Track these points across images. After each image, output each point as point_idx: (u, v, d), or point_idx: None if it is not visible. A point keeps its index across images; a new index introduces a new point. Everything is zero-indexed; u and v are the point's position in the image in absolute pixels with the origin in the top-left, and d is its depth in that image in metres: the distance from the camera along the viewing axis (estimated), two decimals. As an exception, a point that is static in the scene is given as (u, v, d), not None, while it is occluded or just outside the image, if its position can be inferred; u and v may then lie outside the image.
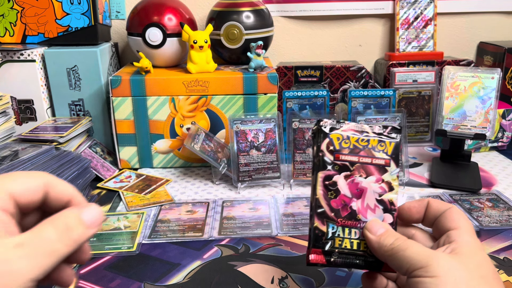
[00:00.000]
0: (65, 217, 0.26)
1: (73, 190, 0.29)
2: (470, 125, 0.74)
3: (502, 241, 0.56)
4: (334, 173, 0.41)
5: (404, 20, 0.96)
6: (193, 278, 0.49)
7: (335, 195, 0.40)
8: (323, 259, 0.39)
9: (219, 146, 0.76)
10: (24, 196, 0.27)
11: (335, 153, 0.41)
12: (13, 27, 0.82)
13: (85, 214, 0.27)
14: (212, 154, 0.73)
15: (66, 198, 0.29)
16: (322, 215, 0.40)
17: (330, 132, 0.42)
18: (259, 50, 0.79)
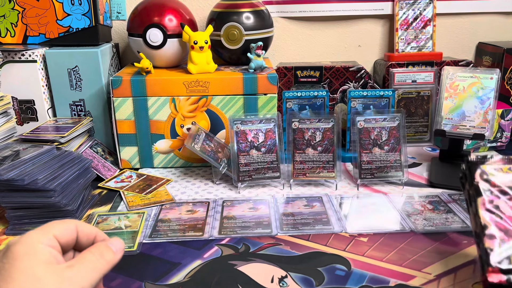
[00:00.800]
0: (98, 247, 0.37)
1: (97, 229, 0.39)
2: (469, 125, 0.75)
3: (501, 241, 0.56)
4: (494, 198, 0.44)
5: (403, 20, 0.96)
6: (194, 277, 0.50)
7: (500, 217, 0.43)
8: (503, 278, 0.40)
9: (219, 146, 0.77)
10: (64, 236, 0.36)
11: (491, 181, 0.45)
12: (14, 28, 0.83)
13: (112, 244, 0.37)
14: (212, 154, 0.73)
15: (92, 235, 0.38)
16: (491, 236, 0.42)
17: (481, 164, 0.47)
18: (259, 51, 0.80)
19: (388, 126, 0.72)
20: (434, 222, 0.61)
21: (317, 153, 0.72)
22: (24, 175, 0.58)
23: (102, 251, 0.36)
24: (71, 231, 0.37)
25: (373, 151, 0.72)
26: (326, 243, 0.56)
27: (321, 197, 0.69)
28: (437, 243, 0.56)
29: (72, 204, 0.61)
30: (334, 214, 0.64)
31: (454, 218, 0.62)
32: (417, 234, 0.58)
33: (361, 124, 0.72)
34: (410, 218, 0.62)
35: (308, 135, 0.72)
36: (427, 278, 0.49)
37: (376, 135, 0.72)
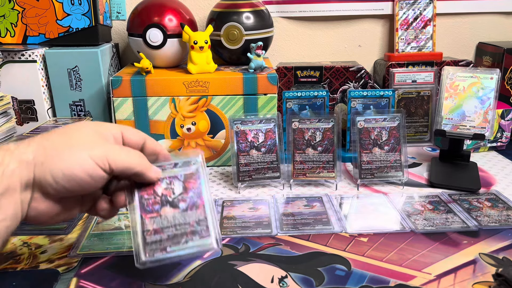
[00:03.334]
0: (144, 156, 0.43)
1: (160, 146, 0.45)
2: (469, 125, 0.75)
3: (501, 241, 0.56)
4: None
5: (404, 20, 0.96)
6: (194, 277, 0.50)
7: None
8: None
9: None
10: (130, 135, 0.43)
11: None
12: (14, 28, 0.83)
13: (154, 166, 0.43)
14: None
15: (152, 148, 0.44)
16: None
17: None
18: (259, 51, 0.80)
19: (388, 126, 0.72)
20: (434, 222, 0.61)
21: (317, 153, 0.72)
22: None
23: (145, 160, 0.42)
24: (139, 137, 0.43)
25: (373, 151, 0.72)
26: (326, 243, 0.56)
27: (321, 197, 0.69)
28: (437, 243, 0.56)
29: (72, 204, 0.61)
30: (334, 214, 0.63)
31: (454, 218, 0.62)
32: (417, 234, 0.58)
33: (361, 124, 0.72)
34: (410, 218, 0.62)
35: (308, 135, 0.72)
36: (427, 278, 0.49)
37: (376, 135, 0.72)
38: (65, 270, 0.51)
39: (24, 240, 0.58)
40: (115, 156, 0.39)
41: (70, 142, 0.38)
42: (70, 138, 0.38)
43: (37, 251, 0.56)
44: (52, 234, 0.59)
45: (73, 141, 0.38)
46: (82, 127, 0.40)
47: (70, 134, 0.39)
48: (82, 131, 0.39)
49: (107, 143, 0.40)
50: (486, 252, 0.54)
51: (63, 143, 0.38)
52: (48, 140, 0.38)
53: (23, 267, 0.52)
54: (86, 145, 0.38)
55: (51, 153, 0.37)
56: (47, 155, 0.37)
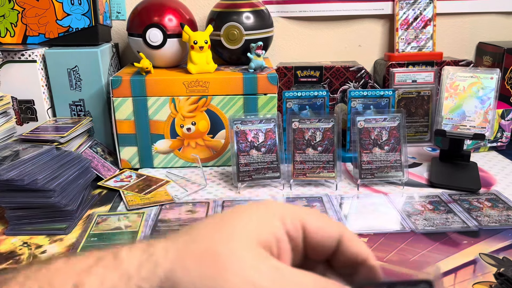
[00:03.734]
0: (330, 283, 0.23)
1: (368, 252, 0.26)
2: (469, 125, 0.75)
3: (501, 241, 0.56)
4: None
5: (404, 20, 0.96)
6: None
7: None
8: None
9: None
10: (317, 236, 0.25)
11: None
12: (14, 28, 0.83)
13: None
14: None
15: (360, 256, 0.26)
16: None
17: None
18: (259, 51, 0.79)
19: (388, 126, 0.72)
20: (435, 222, 0.61)
21: (317, 153, 0.72)
22: (24, 175, 0.58)
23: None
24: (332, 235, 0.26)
25: (373, 151, 0.72)
26: (326, 243, 0.56)
27: (321, 197, 0.69)
28: (437, 243, 0.56)
29: (72, 204, 0.61)
30: (334, 214, 0.63)
31: (455, 218, 0.62)
32: (417, 234, 0.58)
33: (361, 124, 0.72)
34: (410, 218, 0.62)
35: (308, 135, 0.72)
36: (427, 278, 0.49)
37: (376, 135, 0.72)
38: (65, 270, 0.51)
39: (24, 240, 0.58)
40: None
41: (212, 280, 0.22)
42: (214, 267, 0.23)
43: (37, 251, 0.55)
44: (52, 234, 0.59)
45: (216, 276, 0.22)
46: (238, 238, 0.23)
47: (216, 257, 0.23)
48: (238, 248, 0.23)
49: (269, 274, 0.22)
50: (486, 252, 0.54)
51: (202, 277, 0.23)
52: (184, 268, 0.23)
53: (23, 267, 0.52)
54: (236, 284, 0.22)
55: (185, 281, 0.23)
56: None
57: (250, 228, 0.24)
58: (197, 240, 0.24)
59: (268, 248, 0.23)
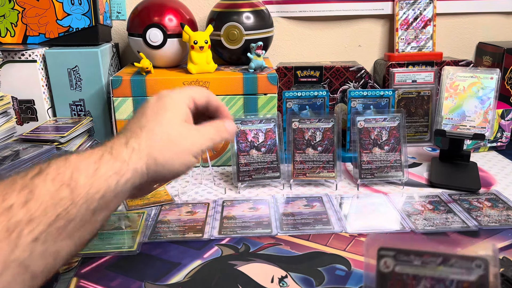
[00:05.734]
0: (217, 124, 0.49)
1: (222, 104, 0.51)
2: (469, 125, 0.75)
3: (501, 241, 0.56)
4: None
5: (404, 20, 0.96)
6: (194, 277, 0.50)
7: None
8: None
9: None
10: (199, 99, 0.48)
11: None
12: (14, 28, 0.83)
13: (227, 124, 0.50)
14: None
15: (218, 106, 0.50)
16: None
17: None
18: (259, 51, 0.80)
19: (388, 126, 0.72)
20: (434, 222, 0.61)
21: (317, 153, 0.72)
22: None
23: (219, 127, 0.48)
24: (204, 95, 0.49)
25: (373, 151, 0.72)
26: (326, 243, 0.56)
27: (321, 197, 0.69)
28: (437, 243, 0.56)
29: (72, 204, 0.61)
30: (334, 214, 0.63)
31: (454, 218, 0.62)
32: (417, 234, 0.58)
33: (361, 124, 0.72)
34: (410, 218, 0.62)
35: (308, 135, 0.72)
36: (427, 278, 0.49)
37: (376, 135, 0.72)
38: (65, 270, 0.51)
39: (24, 240, 0.58)
40: (206, 143, 0.46)
41: (174, 147, 0.44)
42: (172, 140, 0.44)
43: (37, 251, 0.56)
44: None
45: (175, 143, 0.44)
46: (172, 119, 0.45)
47: (170, 134, 0.44)
48: (175, 127, 0.45)
49: (196, 132, 0.46)
50: (486, 252, 0.54)
51: (168, 149, 0.43)
52: (155, 149, 0.42)
53: (23, 267, 0.52)
54: (187, 145, 0.45)
55: (162, 162, 0.43)
56: (158, 165, 0.42)
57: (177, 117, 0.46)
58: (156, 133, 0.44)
59: (186, 120, 0.46)
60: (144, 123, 0.44)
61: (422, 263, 0.28)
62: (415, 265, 0.28)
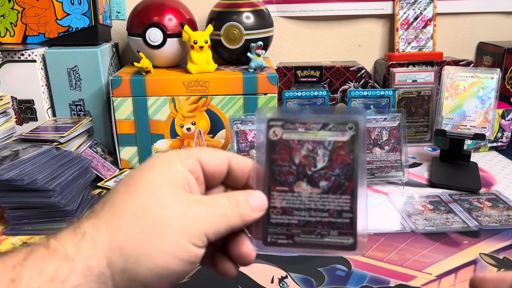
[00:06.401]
0: (236, 194, 0.31)
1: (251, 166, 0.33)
2: (470, 125, 0.74)
3: (502, 241, 0.56)
4: None
5: (404, 20, 0.96)
6: (193, 277, 0.50)
7: None
8: None
9: None
10: (211, 164, 0.31)
11: None
12: (14, 28, 0.82)
13: (251, 197, 0.31)
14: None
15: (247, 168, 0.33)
16: None
17: None
18: (259, 51, 0.79)
19: (389, 126, 0.72)
20: (435, 222, 0.61)
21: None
22: (24, 175, 0.58)
23: (239, 200, 0.30)
24: (221, 161, 0.32)
25: (373, 151, 0.72)
26: (326, 243, 0.56)
27: (321, 197, 0.69)
28: (437, 243, 0.56)
29: (72, 204, 0.61)
30: (334, 214, 0.63)
31: (455, 218, 0.61)
32: (417, 234, 0.58)
33: (361, 124, 0.72)
34: (410, 218, 0.62)
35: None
36: (428, 278, 0.49)
37: (376, 135, 0.72)
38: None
39: (23, 240, 0.58)
40: (213, 224, 0.28)
41: (153, 226, 0.26)
42: (151, 217, 0.27)
43: (36, 251, 0.55)
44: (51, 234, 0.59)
45: (156, 222, 0.26)
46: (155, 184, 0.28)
47: (149, 208, 0.27)
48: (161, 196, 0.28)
49: (198, 205, 0.28)
50: (487, 252, 0.54)
51: (144, 230, 0.26)
52: (121, 230, 0.26)
53: (23, 267, 0.52)
54: (176, 224, 0.27)
55: (134, 252, 0.26)
56: (127, 256, 0.26)
57: (163, 180, 0.28)
58: (123, 207, 0.27)
59: (183, 187, 0.29)
60: (111, 196, 0.28)
61: (306, 130, 0.32)
62: (300, 131, 0.32)
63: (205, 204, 0.29)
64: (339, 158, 0.32)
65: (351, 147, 0.31)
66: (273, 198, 0.32)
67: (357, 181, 0.31)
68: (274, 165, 0.32)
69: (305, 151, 0.32)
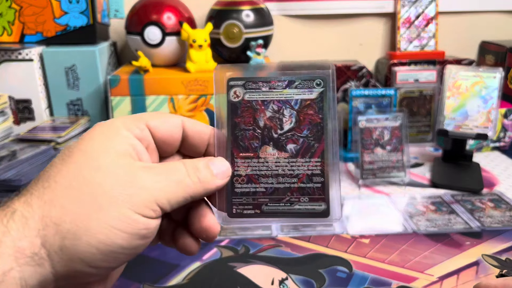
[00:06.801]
0: (194, 161, 0.27)
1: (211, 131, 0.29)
2: (472, 125, 0.74)
3: (504, 242, 0.55)
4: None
5: (405, 19, 0.95)
6: (193, 279, 0.49)
7: None
8: None
9: None
10: (162, 129, 0.28)
11: None
12: (11, 26, 0.82)
13: (213, 164, 0.28)
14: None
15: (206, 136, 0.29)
16: None
17: None
18: (259, 49, 0.79)
19: (390, 125, 0.71)
20: (437, 223, 0.60)
21: (318, 153, 0.71)
22: (21, 176, 0.57)
23: (198, 166, 0.27)
24: (174, 126, 0.28)
25: (375, 151, 0.71)
26: (327, 245, 0.55)
27: (322, 197, 0.68)
28: (439, 244, 0.55)
29: (69, 204, 0.61)
30: (335, 215, 0.63)
31: (457, 219, 0.61)
32: (419, 235, 0.57)
33: (362, 124, 0.71)
34: (412, 219, 0.61)
35: (309, 134, 0.71)
36: (430, 279, 0.49)
37: (378, 135, 0.71)
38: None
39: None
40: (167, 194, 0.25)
41: (92, 197, 0.23)
42: (89, 187, 0.23)
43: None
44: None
45: (96, 193, 0.23)
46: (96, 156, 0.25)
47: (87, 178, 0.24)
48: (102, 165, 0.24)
49: (147, 171, 0.25)
50: (489, 253, 0.53)
51: (81, 202, 0.23)
52: (55, 204, 0.23)
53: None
54: (119, 192, 0.24)
55: (71, 228, 0.23)
56: (64, 233, 0.23)
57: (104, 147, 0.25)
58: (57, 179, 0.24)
59: (128, 155, 0.26)
60: (45, 170, 0.25)
61: (270, 89, 0.30)
62: (263, 91, 0.30)
63: (156, 171, 0.25)
64: (307, 117, 0.30)
65: (319, 105, 0.29)
66: (237, 166, 0.29)
67: (328, 142, 0.29)
68: (236, 129, 0.29)
69: (270, 112, 0.30)
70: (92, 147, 0.25)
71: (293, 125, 0.30)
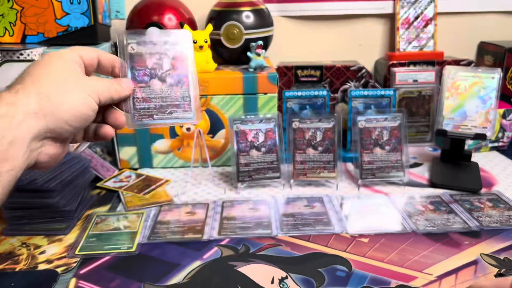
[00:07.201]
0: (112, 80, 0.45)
1: (118, 59, 0.46)
2: (471, 125, 0.74)
3: (503, 241, 0.56)
4: None
5: (405, 19, 0.96)
6: (193, 278, 0.49)
7: None
8: None
9: None
10: (87, 55, 0.44)
11: None
12: (13, 27, 0.82)
13: (122, 81, 0.45)
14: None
15: (112, 61, 0.46)
16: None
17: None
18: (259, 50, 0.79)
19: (389, 126, 0.72)
20: (436, 222, 0.60)
21: (318, 153, 0.72)
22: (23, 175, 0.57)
23: (113, 81, 0.44)
24: (93, 53, 0.44)
25: (374, 151, 0.71)
26: (326, 244, 0.56)
27: (321, 197, 0.69)
28: (438, 243, 0.56)
29: (71, 204, 0.61)
30: (334, 214, 0.63)
31: (456, 219, 0.61)
32: (418, 235, 0.58)
33: (362, 124, 0.72)
34: (411, 219, 0.61)
35: (309, 135, 0.72)
36: (428, 279, 0.49)
37: (377, 135, 0.71)
38: (64, 270, 0.51)
39: (22, 241, 0.58)
40: (101, 89, 0.42)
41: (66, 87, 0.40)
42: (64, 82, 0.40)
43: (35, 252, 0.55)
44: (51, 235, 0.59)
45: (68, 85, 0.40)
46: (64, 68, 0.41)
47: (61, 78, 0.40)
48: (67, 72, 0.41)
49: (88, 79, 0.43)
50: (488, 252, 0.53)
51: (60, 89, 0.40)
52: (45, 88, 0.39)
53: (22, 267, 0.52)
54: (79, 85, 0.41)
55: (57, 102, 0.39)
56: (53, 104, 0.38)
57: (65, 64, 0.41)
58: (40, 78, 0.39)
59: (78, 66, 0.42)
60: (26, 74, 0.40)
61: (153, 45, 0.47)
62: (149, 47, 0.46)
63: (95, 79, 0.43)
64: (177, 63, 0.46)
65: (185, 54, 0.47)
66: (136, 92, 0.45)
67: (190, 77, 0.47)
68: (134, 70, 0.46)
69: (155, 59, 0.46)
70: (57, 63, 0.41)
71: (169, 67, 0.46)
